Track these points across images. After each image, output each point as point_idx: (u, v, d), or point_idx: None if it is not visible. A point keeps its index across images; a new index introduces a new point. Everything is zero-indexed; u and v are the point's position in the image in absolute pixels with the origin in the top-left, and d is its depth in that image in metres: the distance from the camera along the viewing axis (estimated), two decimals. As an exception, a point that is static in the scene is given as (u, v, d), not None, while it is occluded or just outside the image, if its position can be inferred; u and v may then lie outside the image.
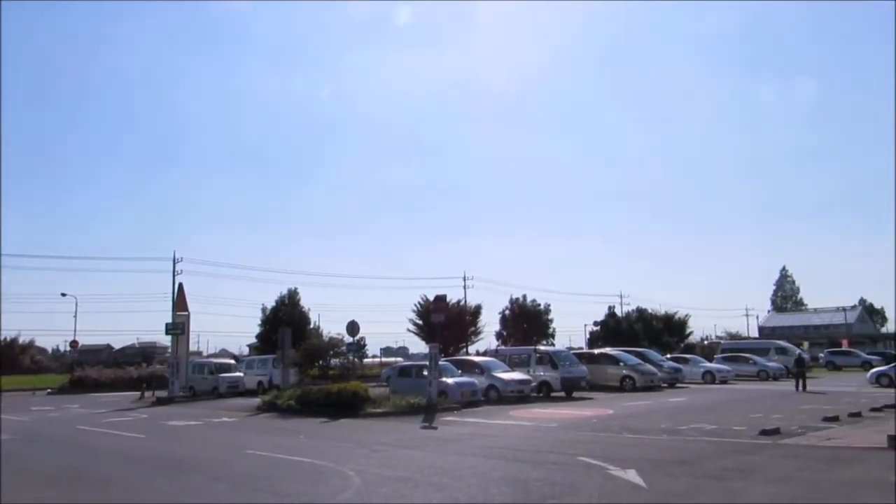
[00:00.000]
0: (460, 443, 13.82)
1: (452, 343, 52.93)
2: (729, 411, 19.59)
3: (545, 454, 11.92)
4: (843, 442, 12.92)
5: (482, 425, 17.32)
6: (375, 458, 11.87)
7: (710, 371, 36.52)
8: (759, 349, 45.36)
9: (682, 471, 10.05)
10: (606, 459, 10.77)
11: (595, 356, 33.20)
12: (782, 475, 9.58)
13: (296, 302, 49.69)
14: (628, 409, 20.87)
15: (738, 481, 9.18)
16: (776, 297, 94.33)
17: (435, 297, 29.81)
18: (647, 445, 13.03)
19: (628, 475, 9.50)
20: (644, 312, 71.23)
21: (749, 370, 39.20)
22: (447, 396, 21.98)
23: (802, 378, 29.15)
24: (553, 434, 15.22)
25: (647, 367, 31.42)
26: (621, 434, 14.82)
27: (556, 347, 42.69)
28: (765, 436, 13.72)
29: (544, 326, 64.99)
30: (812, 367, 46.44)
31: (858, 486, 8.82)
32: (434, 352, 22.45)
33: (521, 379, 25.34)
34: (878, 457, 10.98)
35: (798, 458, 11.09)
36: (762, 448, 12.26)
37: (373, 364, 54.25)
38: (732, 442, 13.19)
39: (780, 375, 39.03)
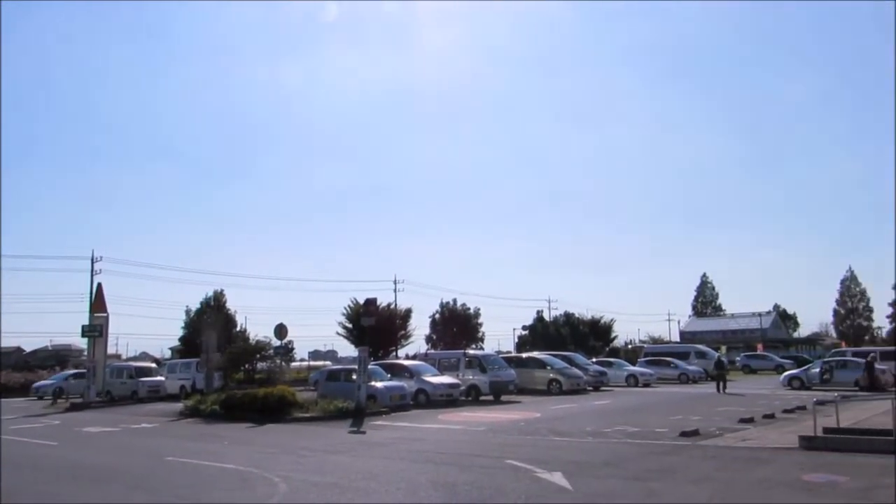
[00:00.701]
0: (389, 447, 13.76)
1: (382, 347, 52.64)
2: (651, 414, 20.14)
3: (473, 458, 11.98)
4: (758, 442, 13.46)
5: (411, 429, 17.29)
6: (302, 464, 11.69)
7: (633, 374, 37.45)
8: (680, 353, 46.75)
9: (607, 472, 10.26)
10: (533, 462, 10.90)
11: (523, 360, 33.61)
12: (701, 475, 9.90)
13: (222, 304, 48.65)
14: (555, 412, 21.19)
15: (660, 482, 9.44)
16: (697, 303, 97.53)
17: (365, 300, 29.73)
18: (573, 448, 13.25)
19: (554, 478, 9.63)
20: (571, 317, 72.56)
21: (670, 373, 40.40)
22: (376, 400, 21.84)
23: (723, 380, 30.45)
24: (481, 437, 15.31)
25: (574, 371, 31.98)
26: (548, 437, 15.04)
27: (485, 351, 43.09)
28: (685, 437, 14.17)
29: (474, 330, 65.42)
30: (729, 370, 48.24)
31: (772, 484, 9.18)
32: (363, 355, 22.30)
33: (450, 383, 25.41)
34: (790, 456, 11.48)
35: (716, 459, 11.49)
36: (682, 449, 12.65)
37: (301, 368, 53.38)
38: (654, 443, 13.56)
39: (700, 378, 40.42)
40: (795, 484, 9.08)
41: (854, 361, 32.12)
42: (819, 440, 12.32)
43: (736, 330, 79.45)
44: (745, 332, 76.83)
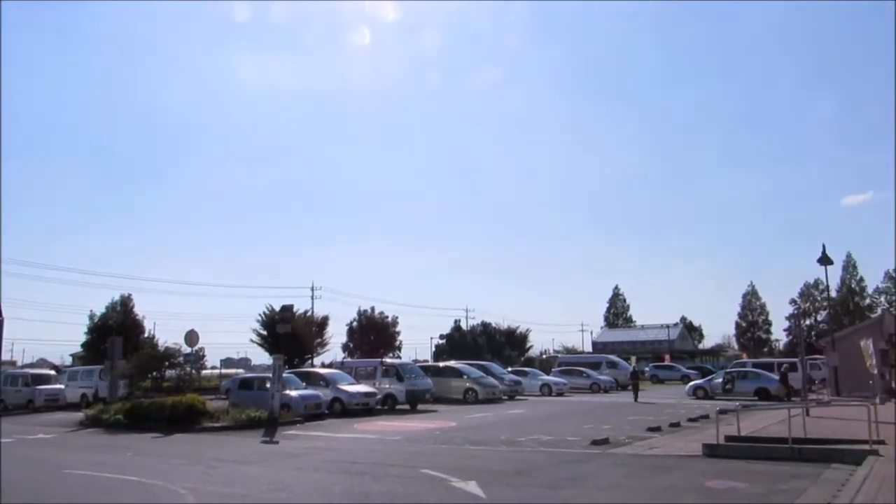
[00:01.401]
0: (302, 457, 13.50)
1: (298, 355, 51.81)
2: (564, 423, 20.54)
3: (388, 467, 11.90)
4: (664, 450, 13.91)
5: (326, 439, 17.04)
6: (211, 475, 11.31)
7: (547, 384, 38.12)
8: (593, 363, 47.99)
9: (520, 481, 10.38)
10: (448, 471, 10.91)
11: (440, 369, 33.72)
12: (611, 483, 10.15)
13: (129, 309, 46.79)
14: (471, 421, 21.33)
15: (572, 489, 9.62)
16: (609, 314, 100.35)
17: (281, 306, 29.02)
18: (488, 457, 13.36)
19: (469, 486, 9.67)
20: (488, 327, 73.44)
21: (583, 383, 41.35)
22: (290, 409, 21.44)
23: (636, 389, 31.99)
24: (397, 447, 15.23)
25: (490, 380, 32.30)
26: (463, 446, 15.10)
27: (402, 360, 42.91)
28: (595, 445, 14.51)
29: (391, 339, 65.20)
30: (639, 380, 49.80)
31: (677, 491, 9.50)
32: (278, 363, 21.84)
33: (366, 391, 25.22)
34: (694, 464, 11.91)
35: (625, 466, 11.80)
36: (593, 457, 12.94)
37: (212, 376, 51.94)
38: (566, 452, 13.82)
39: (611, 388, 41.57)
40: (699, 490, 9.43)
41: (754, 372, 33.76)
42: (721, 448, 12.84)
43: (645, 341, 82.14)
44: (654, 343, 79.52)
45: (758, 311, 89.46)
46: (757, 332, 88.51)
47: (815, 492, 8.86)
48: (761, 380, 32.00)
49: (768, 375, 32.63)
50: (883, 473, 9.67)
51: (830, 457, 11.60)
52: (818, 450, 12.16)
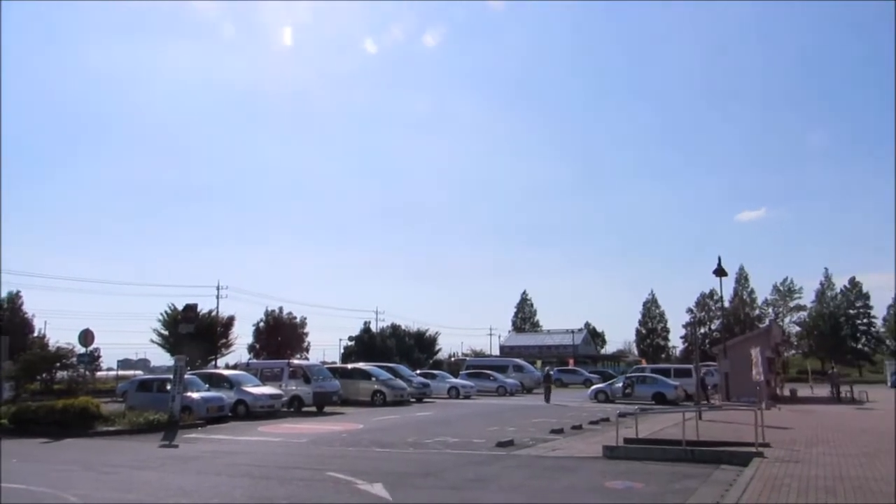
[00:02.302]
0: (203, 461, 13.11)
1: (201, 356, 50.31)
2: (471, 425, 20.77)
3: (293, 470, 11.72)
4: (567, 452, 14.30)
5: (228, 442, 16.62)
6: (104, 482, 10.83)
7: (455, 387, 38.46)
8: (500, 366, 48.70)
9: (426, 482, 10.44)
10: (354, 474, 10.86)
11: (348, 371, 33.49)
12: (515, 484, 10.35)
13: (17, 307, 44.24)
14: (378, 423, 21.27)
15: (476, 490, 9.76)
16: (517, 319, 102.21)
17: (185, 306, 28.23)
18: (395, 459, 13.36)
19: (375, 489, 9.65)
20: (398, 329, 73.37)
21: (490, 386, 41.96)
22: (192, 412, 20.76)
23: (548, 392, 33.49)
24: (302, 449, 15.01)
25: (398, 383, 32.33)
26: (370, 448, 15.05)
27: (310, 361, 42.35)
28: (500, 447, 14.76)
29: (299, 340, 64.26)
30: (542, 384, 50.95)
31: (578, 491, 9.79)
32: (180, 364, 21.12)
33: (271, 393, 24.71)
34: (595, 465, 12.30)
35: (528, 468, 12.06)
36: (498, 459, 13.16)
37: (108, 378, 49.67)
38: (472, 454, 13.99)
39: (517, 391, 42.37)
40: (599, 490, 9.75)
41: (652, 377, 35.10)
42: (620, 449, 13.30)
43: (551, 345, 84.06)
44: (560, 348, 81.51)
45: (657, 318, 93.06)
46: (656, 339, 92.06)
47: (706, 491, 9.31)
48: (659, 385, 33.30)
49: (665, 381, 33.98)
50: (767, 474, 10.27)
51: (720, 458, 12.21)
52: (709, 451, 12.78)
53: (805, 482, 9.52)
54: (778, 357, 40.18)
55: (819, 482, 9.51)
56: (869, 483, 9.40)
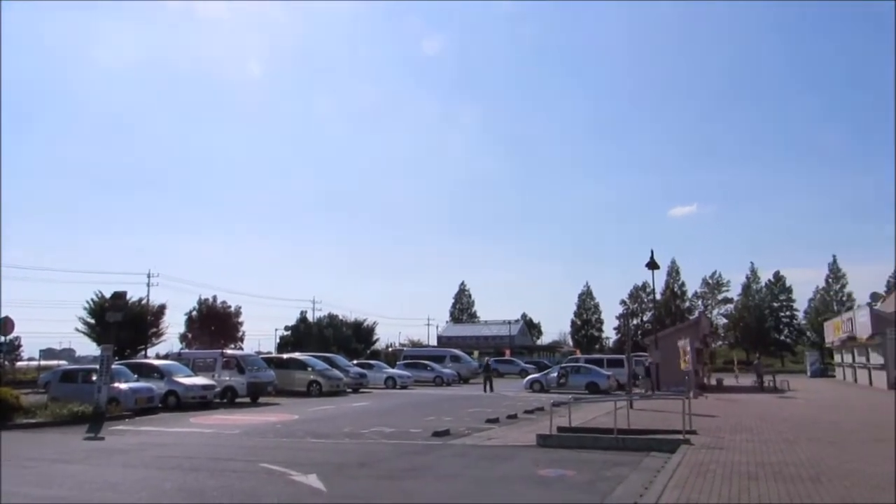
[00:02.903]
0: (131, 454, 12.73)
1: (130, 345, 48.97)
2: (407, 415, 20.80)
3: (225, 462, 11.50)
4: (502, 441, 14.46)
5: (158, 433, 16.22)
6: (24, 476, 10.38)
7: (392, 377, 38.47)
8: (437, 357, 48.93)
9: (362, 473, 10.40)
10: (289, 465, 10.73)
11: (284, 361, 33.14)
12: (450, 473, 10.41)
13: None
14: (314, 413, 21.09)
15: (412, 480, 9.77)
16: (454, 309, 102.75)
17: (113, 293, 27.30)
18: (330, 449, 13.27)
19: (309, 480, 9.56)
20: (335, 319, 72.85)
21: (427, 376, 42.10)
22: (119, 403, 20.18)
23: (490, 381, 34.28)
24: (235, 441, 14.76)
25: (334, 373, 32.14)
26: (305, 439, 14.91)
27: (244, 351, 41.70)
28: (437, 437, 14.84)
29: (234, 329, 63.21)
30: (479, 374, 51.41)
31: (512, 479, 9.91)
32: (106, 354, 20.45)
33: (204, 384, 24.21)
34: (529, 453, 12.48)
35: (464, 457, 12.14)
36: (434, 448, 13.21)
37: (29, 368, 47.83)
38: (408, 443, 14.01)
39: (453, 381, 42.63)
40: (532, 478, 9.89)
41: (585, 367, 35.77)
42: (554, 438, 13.53)
43: (488, 336, 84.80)
44: (496, 339, 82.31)
45: (592, 310, 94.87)
46: (590, 330, 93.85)
47: (635, 478, 9.55)
48: (592, 374, 33.96)
49: (598, 371, 34.69)
50: (693, 460, 10.60)
51: (649, 446, 12.55)
52: (639, 439, 13.12)
53: (729, 468, 9.87)
54: (706, 348, 41.56)
55: (742, 468, 9.87)
56: (788, 468, 9.80)
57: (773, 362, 69.13)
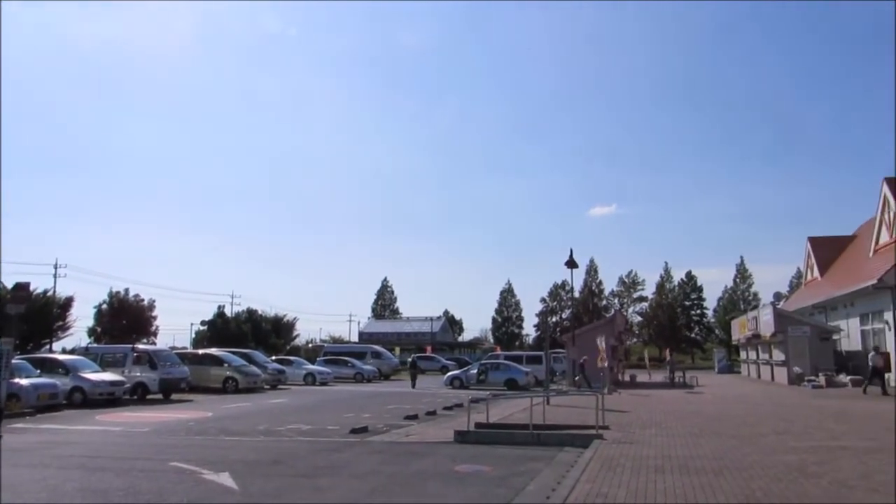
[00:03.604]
0: (31, 453, 12.13)
1: (33, 339, 46.61)
2: (326, 412, 20.60)
3: (133, 461, 11.10)
4: (420, 438, 14.50)
5: (62, 432, 15.55)
6: (-89, 477, 9.74)
7: (311, 373, 38.05)
8: (358, 353, 48.72)
9: (276, 471, 10.22)
10: (200, 463, 10.44)
11: (199, 356, 32.32)
12: (367, 470, 10.36)
13: None
14: (229, 410, 20.63)
15: (327, 478, 9.66)
16: (376, 306, 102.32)
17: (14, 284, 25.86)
18: (244, 447, 12.99)
19: (221, 478, 9.33)
20: (254, 314, 71.41)
21: (347, 372, 41.87)
22: (20, 400, 19.22)
23: (414, 378, 35.39)
24: (144, 439, 14.28)
25: (252, 369, 31.54)
26: (218, 437, 14.57)
27: (157, 346, 40.40)
28: (354, 434, 14.75)
29: (147, 324, 61.10)
30: (400, 370, 51.44)
31: (428, 475, 9.93)
32: (7, 348, 19.33)
33: (112, 380, 23.34)
34: (446, 449, 12.55)
35: (381, 454, 12.11)
36: (351, 445, 13.12)
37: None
38: (326, 441, 13.88)
39: (374, 378, 42.52)
40: (448, 475, 9.94)
41: (505, 364, 36.28)
42: (471, 434, 13.66)
43: (410, 332, 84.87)
44: (418, 335, 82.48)
45: (513, 307, 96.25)
46: (511, 327, 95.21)
47: (549, 472, 9.74)
48: (511, 371, 34.47)
49: (518, 367, 35.24)
50: (605, 455, 10.90)
51: (564, 441, 12.81)
52: (554, 435, 13.39)
53: (637, 461, 10.18)
54: (621, 345, 42.74)
55: (650, 461, 10.21)
56: (693, 461, 10.18)
57: (683, 359, 71.91)
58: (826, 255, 45.03)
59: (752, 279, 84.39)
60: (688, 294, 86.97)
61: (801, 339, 32.53)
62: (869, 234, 36.49)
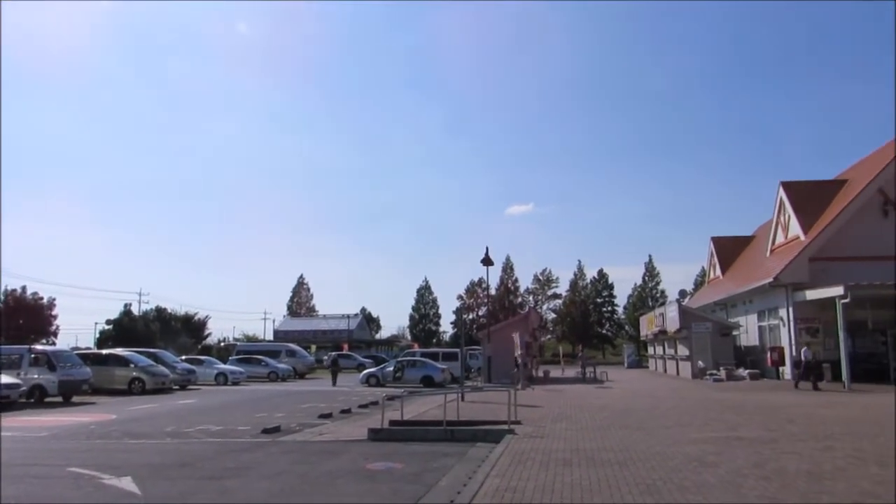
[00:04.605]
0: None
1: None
2: (237, 412, 20.14)
3: (29, 467, 10.54)
4: (333, 436, 14.38)
5: (-53, 439, 14.55)
6: None
7: (223, 373, 37.12)
8: (272, 351, 47.84)
9: (182, 474, 9.93)
10: (101, 468, 10.02)
11: (103, 357, 31.05)
12: (277, 470, 10.19)
13: None
14: (134, 412, 19.89)
15: (236, 479, 9.45)
16: (292, 303, 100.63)
17: None
18: (149, 450, 12.55)
19: (123, 483, 8.99)
20: (163, 312, 69.12)
21: (261, 371, 41.07)
22: None
23: (335, 375, 35.99)
24: (42, 444, 13.58)
25: (160, 369, 30.53)
26: (122, 440, 14.03)
27: (57, 347, 38.57)
28: (266, 434, 14.49)
29: (46, 323, 58.18)
30: (315, 369, 50.89)
31: (340, 474, 9.86)
32: None
33: (7, 382, 22.06)
34: (359, 448, 12.49)
35: (293, 454, 11.93)
36: (262, 446, 12.88)
37: None
38: (236, 441, 13.57)
39: (289, 376, 41.86)
40: (360, 472, 9.90)
41: (421, 361, 36.38)
42: (385, 432, 13.65)
43: (326, 330, 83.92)
44: (335, 333, 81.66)
45: (430, 304, 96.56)
46: (428, 325, 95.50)
47: (460, 468, 9.84)
48: (427, 368, 34.61)
49: (434, 364, 35.40)
50: (515, 449, 11.09)
51: (477, 437, 12.98)
52: (467, 430, 13.54)
53: (547, 455, 10.41)
54: (535, 341, 43.60)
55: (558, 454, 10.45)
56: (600, 454, 10.49)
57: (595, 354, 73.93)
58: (728, 254, 47.26)
59: (660, 277, 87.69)
60: (600, 291, 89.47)
61: (704, 335, 34.00)
62: (766, 234, 38.51)
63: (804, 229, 31.45)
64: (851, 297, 24.30)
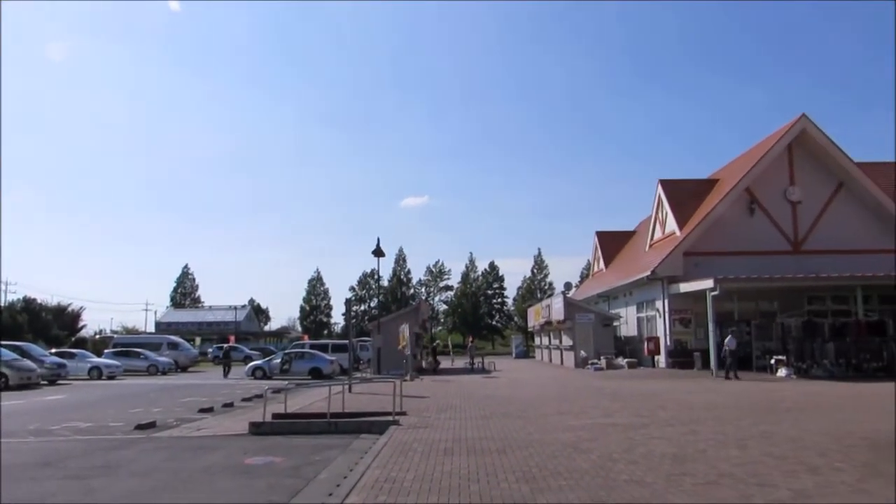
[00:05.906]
0: None
1: None
2: (110, 407, 19.19)
3: None
4: (213, 431, 13.93)
5: None
6: None
7: (97, 366, 35.26)
8: (153, 344, 45.87)
9: (44, 474, 9.34)
10: (-50, 471, 9.28)
11: (-40, 351, 28.69)
12: (148, 467, 9.77)
13: None
14: (-6, 410, 18.54)
15: (103, 478, 8.98)
16: (176, 294, 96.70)
17: None
18: (9, 450, 11.69)
19: (-27, 487, 8.36)
20: (32, 302, 64.81)
21: (140, 365, 39.34)
22: None
23: (227, 368, 36.40)
24: None
25: (25, 363, 28.64)
26: (-22, 440, 13.02)
27: None
28: (140, 430, 13.89)
29: None
30: (200, 362, 49.24)
31: (216, 470, 9.56)
32: None
33: None
34: (239, 442, 12.17)
35: (168, 450, 11.47)
36: (134, 442, 12.32)
37: None
38: (106, 438, 12.92)
39: (170, 370, 40.28)
40: (237, 468, 9.64)
41: (310, 353, 35.86)
42: (266, 425, 13.35)
43: (212, 322, 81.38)
44: (221, 324, 79.32)
45: (321, 295, 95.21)
46: (319, 316, 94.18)
47: (342, 460, 9.77)
48: (316, 360, 34.13)
49: (322, 356, 34.97)
50: (399, 440, 11.12)
51: (361, 428, 12.92)
52: (352, 422, 13.45)
53: (429, 445, 10.50)
54: (425, 332, 43.89)
55: (441, 444, 10.56)
56: (481, 442, 10.69)
57: (484, 345, 75.37)
58: (611, 248, 49.27)
59: (548, 270, 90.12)
60: (490, 283, 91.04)
61: (587, 326, 35.31)
62: (646, 230, 40.41)
63: (679, 225, 33.20)
64: (720, 290, 25.89)
